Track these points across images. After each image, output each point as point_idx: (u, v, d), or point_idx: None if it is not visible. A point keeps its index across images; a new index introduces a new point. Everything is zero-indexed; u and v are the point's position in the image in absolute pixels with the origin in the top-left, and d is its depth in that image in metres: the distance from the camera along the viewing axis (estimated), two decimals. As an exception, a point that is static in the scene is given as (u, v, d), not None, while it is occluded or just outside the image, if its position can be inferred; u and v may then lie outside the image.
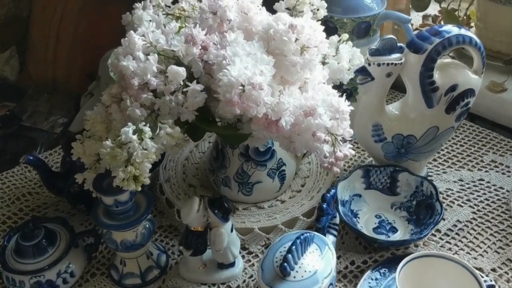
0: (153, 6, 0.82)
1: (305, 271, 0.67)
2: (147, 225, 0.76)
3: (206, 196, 0.83)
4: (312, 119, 0.65)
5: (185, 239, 0.76)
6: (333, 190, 0.77)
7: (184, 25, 0.77)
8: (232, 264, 0.80)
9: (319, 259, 0.69)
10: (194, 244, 0.76)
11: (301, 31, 0.63)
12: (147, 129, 0.64)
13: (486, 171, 0.97)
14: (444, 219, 0.87)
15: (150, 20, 0.80)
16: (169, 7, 0.84)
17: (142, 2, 0.82)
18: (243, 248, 0.85)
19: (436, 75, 0.81)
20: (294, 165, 0.91)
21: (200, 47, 0.67)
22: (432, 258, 0.70)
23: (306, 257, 0.69)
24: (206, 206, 0.74)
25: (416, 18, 1.36)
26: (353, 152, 0.66)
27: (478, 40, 0.81)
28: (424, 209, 0.85)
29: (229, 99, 0.58)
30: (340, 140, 0.66)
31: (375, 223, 0.86)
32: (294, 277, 0.67)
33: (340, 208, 0.83)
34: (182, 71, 0.65)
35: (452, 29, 0.80)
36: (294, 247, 0.67)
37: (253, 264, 0.82)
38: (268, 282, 0.67)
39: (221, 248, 0.75)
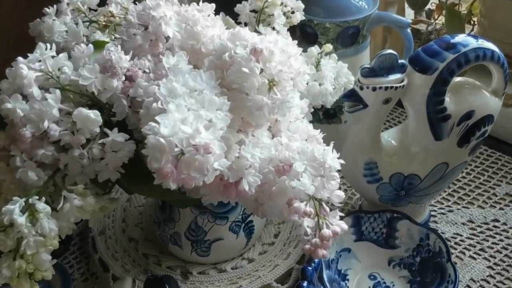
0: (72, 10, 0.61)
1: None
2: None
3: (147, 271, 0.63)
4: (287, 179, 0.46)
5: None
6: (316, 260, 0.58)
7: (112, 38, 0.56)
8: None
9: None
10: None
11: (269, 58, 0.43)
12: (42, 205, 0.43)
13: (500, 208, 0.79)
14: (454, 278, 0.69)
15: (66, 31, 0.59)
16: (95, 10, 0.63)
17: (56, 5, 0.60)
18: (199, 326, 0.65)
19: (447, 100, 0.63)
20: (265, 212, 0.71)
21: (123, 78, 0.46)
22: None
23: None
24: (143, 291, 0.54)
25: (405, 11, 1.16)
26: (346, 227, 0.47)
27: (501, 55, 0.62)
28: (431, 269, 0.66)
29: (158, 169, 0.38)
30: (327, 206, 0.47)
31: (369, 287, 0.68)
32: None
33: (325, 273, 0.64)
34: (94, 115, 0.44)
35: (469, 41, 0.60)
36: None
37: None
38: None
39: None
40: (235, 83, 0.44)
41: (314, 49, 0.65)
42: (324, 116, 0.81)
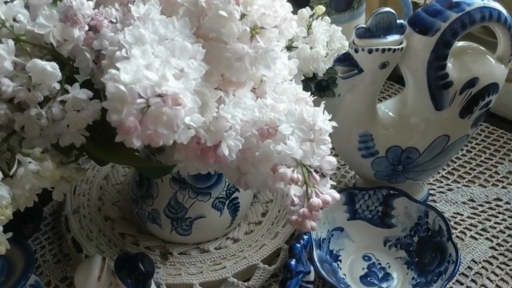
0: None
1: None
2: (29, 295, 0.51)
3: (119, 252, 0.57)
4: (272, 143, 0.40)
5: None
6: (305, 236, 0.53)
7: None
8: None
9: None
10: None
11: (251, 0, 0.37)
12: (-10, 169, 0.38)
13: (503, 187, 0.74)
14: (454, 260, 0.64)
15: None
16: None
17: None
18: (179, 310, 0.60)
19: (449, 65, 0.57)
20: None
21: (86, 28, 0.41)
22: None
23: None
24: (113, 270, 0.49)
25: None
26: (337, 196, 0.42)
27: (508, 16, 0.57)
28: (430, 250, 0.61)
29: (119, 122, 0.32)
30: (317, 175, 0.42)
31: (363, 269, 0.63)
32: None
33: (315, 253, 0.59)
34: (51, 67, 0.39)
35: (474, 0, 0.55)
36: None
37: (193, 337, 0.58)
38: None
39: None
40: (212, 31, 0.38)
41: (305, 11, 0.59)
42: (316, 89, 0.76)
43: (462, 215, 0.70)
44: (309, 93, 0.45)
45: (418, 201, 0.64)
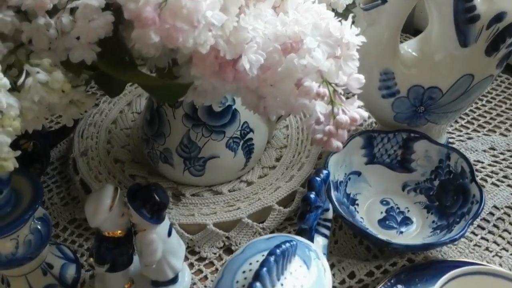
0: None
1: (283, 307, 0.41)
2: (37, 227, 0.49)
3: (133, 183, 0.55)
4: (296, 57, 0.38)
5: (97, 248, 0.49)
6: (324, 171, 0.50)
7: None
8: (172, 281, 0.53)
9: (305, 282, 0.43)
10: (110, 257, 0.49)
11: None
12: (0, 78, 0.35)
13: (524, 136, 0.72)
14: (475, 205, 0.62)
15: None
16: None
17: None
18: (191, 252, 0.58)
19: (477, -3, 0.55)
20: (266, 132, 0.63)
21: None
22: (483, 276, 0.45)
23: (285, 281, 0.43)
24: (125, 201, 0.47)
25: None
26: (366, 115, 0.39)
27: None
28: (451, 193, 0.59)
29: (136, 13, 0.30)
30: (343, 94, 0.39)
31: (381, 213, 0.61)
32: (265, 318, 0.41)
33: (333, 193, 0.57)
34: (61, -31, 0.36)
35: None
36: (265, 269, 0.40)
37: (206, 277, 0.56)
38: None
39: (152, 262, 0.49)
40: None
41: None
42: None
43: (482, 162, 0.68)
44: (334, 13, 0.43)
45: (439, 143, 0.61)
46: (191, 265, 0.57)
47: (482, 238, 0.59)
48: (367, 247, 0.58)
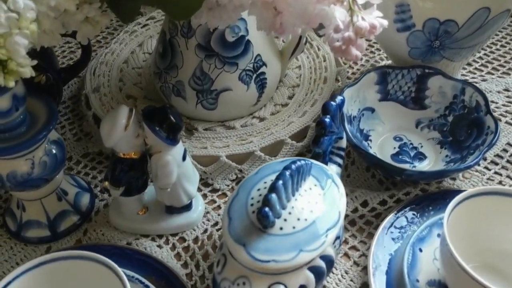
0: None
1: (299, 219, 0.42)
2: (52, 150, 0.49)
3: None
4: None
5: (112, 171, 0.49)
6: (340, 97, 0.50)
7: None
8: (186, 207, 0.54)
9: (320, 201, 0.43)
10: (125, 179, 0.49)
11: None
12: (13, -29, 0.35)
13: (539, 79, 0.71)
14: (489, 143, 0.62)
15: None
16: None
17: None
18: (204, 184, 0.59)
19: None
20: (279, 67, 0.63)
21: None
22: (492, 196, 0.45)
23: (300, 198, 0.43)
24: (141, 121, 0.47)
25: None
26: (385, 23, 0.39)
27: None
28: (465, 127, 0.59)
29: None
30: (362, 2, 0.39)
31: (394, 148, 0.61)
32: (281, 228, 0.41)
33: (346, 126, 0.56)
34: None
35: None
36: (280, 182, 0.41)
37: (219, 207, 0.57)
38: (238, 238, 0.41)
39: (168, 185, 0.49)
40: None
41: None
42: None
43: (497, 103, 0.67)
44: None
45: (454, 78, 0.61)
46: (204, 196, 0.57)
47: (496, 172, 0.59)
48: (379, 180, 0.58)
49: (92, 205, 0.56)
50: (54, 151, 0.49)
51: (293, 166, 0.42)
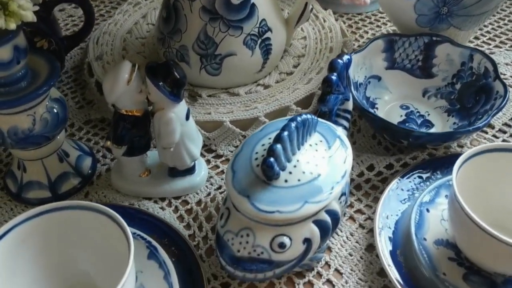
0: None
1: (304, 172, 0.41)
2: (53, 107, 0.48)
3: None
4: None
5: (114, 129, 0.49)
6: (346, 56, 0.49)
7: None
8: (189, 171, 0.53)
9: (326, 156, 0.43)
10: (127, 137, 0.49)
11: None
12: None
13: (548, 52, 0.70)
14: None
15: None
16: None
17: None
18: (208, 150, 0.58)
19: None
20: (284, 34, 0.62)
21: None
22: (501, 153, 0.44)
23: (305, 153, 0.42)
24: (144, 77, 0.46)
25: None
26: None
27: None
28: (473, 94, 0.58)
29: None
30: None
31: (401, 116, 0.60)
32: (286, 181, 0.40)
33: (353, 91, 0.55)
34: None
35: None
36: (286, 133, 0.40)
37: (222, 172, 0.56)
38: (242, 189, 0.40)
39: (171, 144, 0.48)
40: None
41: None
42: None
43: (505, 74, 0.66)
44: None
45: (462, 45, 0.60)
46: (207, 162, 0.56)
47: (504, 140, 0.58)
48: (386, 147, 0.57)
49: (94, 169, 0.55)
50: (55, 110, 0.49)
51: (299, 119, 0.41)
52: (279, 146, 0.39)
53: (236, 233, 0.40)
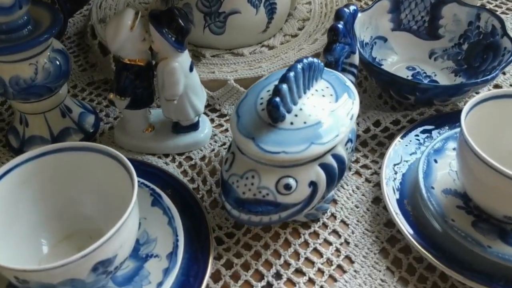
0: None
1: (310, 115, 0.40)
2: (56, 58, 0.48)
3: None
4: None
5: (118, 80, 0.48)
6: (353, 6, 0.49)
7: None
8: (193, 127, 0.52)
9: (332, 101, 0.42)
10: (131, 88, 0.48)
11: None
12: None
13: (556, 18, 0.69)
14: (504, 73, 0.60)
15: None
16: None
17: None
18: (212, 110, 0.57)
19: None
20: (289, -4, 0.62)
21: None
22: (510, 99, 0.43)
23: (312, 97, 0.41)
24: (147, 26, 0.45)
25: None
26: None
27: None
28: (480, 53, 0.57)
29: None
30: None
31: (408, 76, 0.59)
32: (292, 123, 0.39)
33: (359, 48, 0.55)
34: None
35: None
36: (292, 73, 0.39)
37: (226, 130, 0.55)
38: (247, 132, 0.40)
39: (175, 95, 0.47)
40: None
41: None
42: None
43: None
44: None
45: (468, 5, 0.59)
46: (212, 121, 0.56)
47: (512, 100, 0.57)
48: (392, 107, 0.57)
49: (97, 126, 0.55)
50: (58, 61, 0.48)
51: (305, 60, 0.40)
52: (285, 86, 0.39)
53: (241, 175, 0.40)
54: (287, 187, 0.39)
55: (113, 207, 0.39)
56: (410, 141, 0.50)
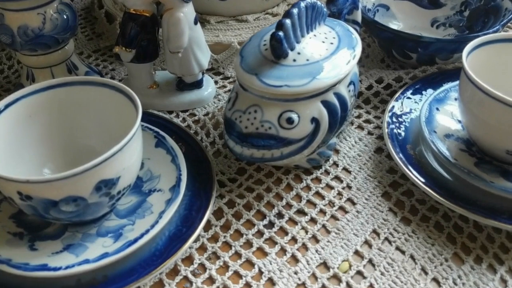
0: None
1: (312, 53, 0.41)
2: (64, 10, 0.49)
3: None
4: None
5: (123, 32, 0.49)
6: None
7: None
8: (197, 85, 0.53)
9: (335, 42, 0.42)
10: (136, 40, 0.49)
11: None
12: None
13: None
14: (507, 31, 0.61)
15: None
16: None
17: None
18: (216, 73, 0.58)
19: None
20: (293, -35, 0.63)
21: None
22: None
23: (315, 38, 0.42)
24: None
25: None
26: None
27: None
28: (482, 18, 0.58)
29: None
30: None
31: (409, 42, 0.59)
32: (294, 60, 0.40)
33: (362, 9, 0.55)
34: None
35: None
36: (295, 10, 0.40)
37: (229, 90, 0.55)
38: (250, 69, 0.40)
39: (179, 47, 0.48)
40: None
41: None
42: None
43: None
44: None
45: (470, -28, 0.60)
46: (216, 82, 0.56)
47: (514, 64, 0.57)
48: (394, 69, 0.57)
49: (102, 86, 0.55)
50: (65, 14, 0.49)
51: (308, 1, 0.41)
52: (288, 20, 0.39)
53: (244, 110, 0.40)
54: (289, 121, 0.39)
55: (118, 140, 0.39)
56: (413, 93, 0.50)
